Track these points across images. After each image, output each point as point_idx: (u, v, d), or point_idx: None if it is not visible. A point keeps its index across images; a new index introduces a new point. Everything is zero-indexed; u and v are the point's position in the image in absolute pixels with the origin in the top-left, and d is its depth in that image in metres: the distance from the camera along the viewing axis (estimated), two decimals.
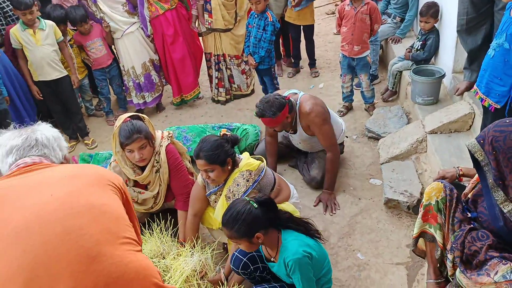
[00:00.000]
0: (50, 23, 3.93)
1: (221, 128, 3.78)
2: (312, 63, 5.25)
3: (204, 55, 4.76)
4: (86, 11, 4.22)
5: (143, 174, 2.61)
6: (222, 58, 4.59)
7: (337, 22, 4.10)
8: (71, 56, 4.23)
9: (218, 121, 4.44)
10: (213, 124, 4.05)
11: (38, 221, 1.12)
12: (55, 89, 4.09)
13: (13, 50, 3.95)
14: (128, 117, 2.58)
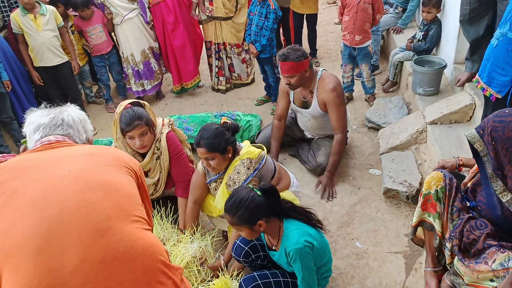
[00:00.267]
0: (51, 8, 3.89)
1: (223, 116, 3.75)
2: (313, 53, 5.23)
3: (204, 44, 4.73)
4: None
5: (144, 161, 2.61)
6: (223, 47, 4.57)
7: (339, 11, 4.09)
8: (72, 41, 4.20)
9: (218, 109, 4.43)
10: (214, 112, 4.03)
11: (54, 193, 1.18)
12: (55, 74, 4.07)
13: (15, 35, 3.93)
14: (129, 103, 2.57)
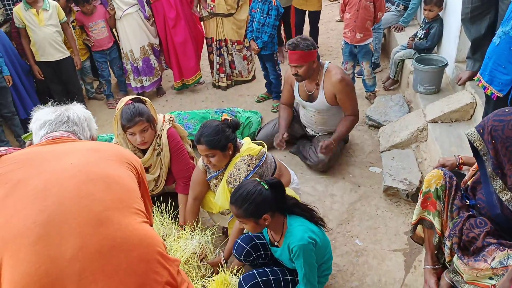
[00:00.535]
0: (53, 4, 3.89)
1: (223, 113, 3.74)
2: None
3: (205, 40, 4.73)
4: None
5: (145, 157, 2.61)
6: (224, 44, 4.56)
7: (340, 8, 4.08)
8: (74, 37, 4.20)
9: (219, 106, 4.43)
10: (215, 109, 4.03)
11: (55, 185, 1.22)
12: (57, 69, 4.08)
13: (18, 29, 3.93)
14: (130, 99, 2.57)
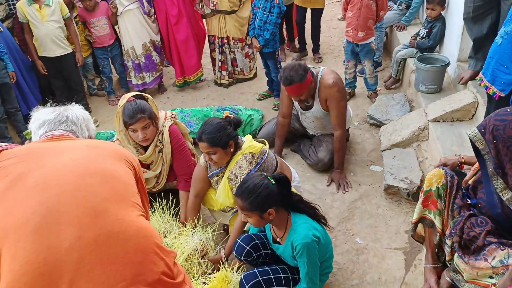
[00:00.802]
0: None
1: (225, 110, 3.74)
2: (315, 49, 5.21)
3: (207, 38, 4.72)
4: None
5: (146, 153, 2.62)
6: (226, 41, 4.56)
7: (343, 7, 4.07)
8: (77, 33, 4.21)
9: (220, 104, 4.43)
10: (217, 106, 4.03)
11: (55, 178, 1.26)
12: (58, 65, 4.09)
13: (21, 24, 3.95)
14: (132, 96, 2.58)
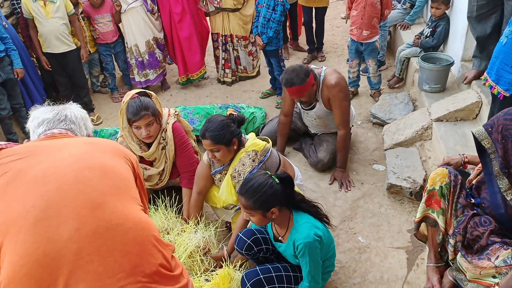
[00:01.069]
0: None
1: (228, 108, 3.74)
2: (319, 47, 5.21)
3: (210, 36, 4.73)
4: None
5: (149, 150, 2.63)
6: (230, 39, 4.56)
7: (347, 6, 4.06)
8: (83, 28, 4.23)
9: (223, 102, 4.43)
10: (219, 104, 4.03)
11: (54, 172, 1.29)
12: (62, 61, 4.11)
13: (26, 20, 3.97)
14: (135, 93, 2.58)
